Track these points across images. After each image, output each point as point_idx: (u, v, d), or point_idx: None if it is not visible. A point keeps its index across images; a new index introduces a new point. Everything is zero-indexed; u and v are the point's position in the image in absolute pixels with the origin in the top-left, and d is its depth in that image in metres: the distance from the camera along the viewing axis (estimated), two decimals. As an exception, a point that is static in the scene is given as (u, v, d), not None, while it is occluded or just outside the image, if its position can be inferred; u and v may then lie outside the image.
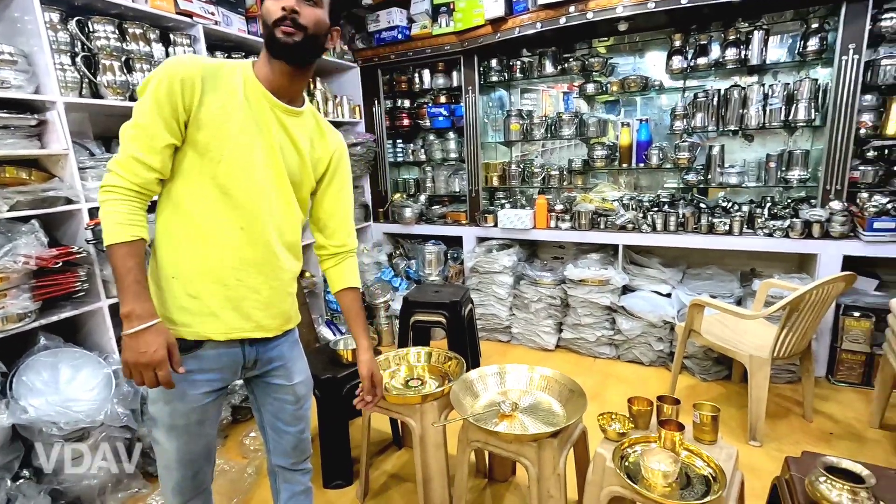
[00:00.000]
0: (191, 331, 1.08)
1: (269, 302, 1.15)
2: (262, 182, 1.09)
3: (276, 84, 1.08)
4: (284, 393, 1.25)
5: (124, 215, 1.00)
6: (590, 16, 2.70)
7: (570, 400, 1.60)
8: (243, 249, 1.09)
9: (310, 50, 1.05)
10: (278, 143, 1.10)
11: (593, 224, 3.12)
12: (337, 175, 1.26)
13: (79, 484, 1.81)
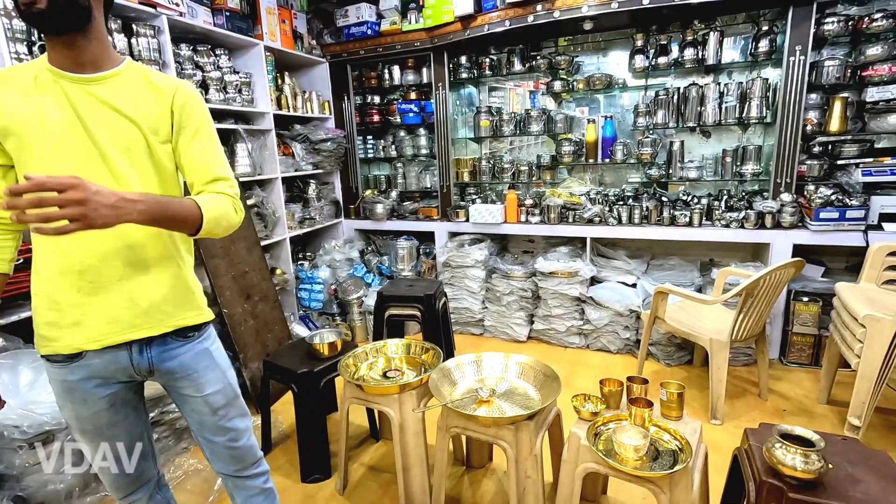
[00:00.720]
0: (63, 344, 1.05)
1: (137, 298, 1.06)
2: (74, 165, 0.98)
3: (61, 60, 0.98)
4: (197, 404, 1.19)
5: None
6: (556, 14, 2.77)
7: (545, 384, 1.65)
8: (84, 248, 1.01)
9: (64, 12, 0.92)
10: (91, 117, 0.99)
11: (562, 218, 3.21)
12: (184, 124, 1.08)
13: (44, 489, 1.74)
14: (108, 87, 1.02)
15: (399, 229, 3.73)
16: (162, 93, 1.07)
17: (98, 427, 1.13)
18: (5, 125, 0.97)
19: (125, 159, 1.03)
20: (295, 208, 3.40)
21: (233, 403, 1.24)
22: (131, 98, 1.04)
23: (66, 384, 1.09)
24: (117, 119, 1.02)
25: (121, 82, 1.03)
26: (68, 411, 1.12)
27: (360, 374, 1.88)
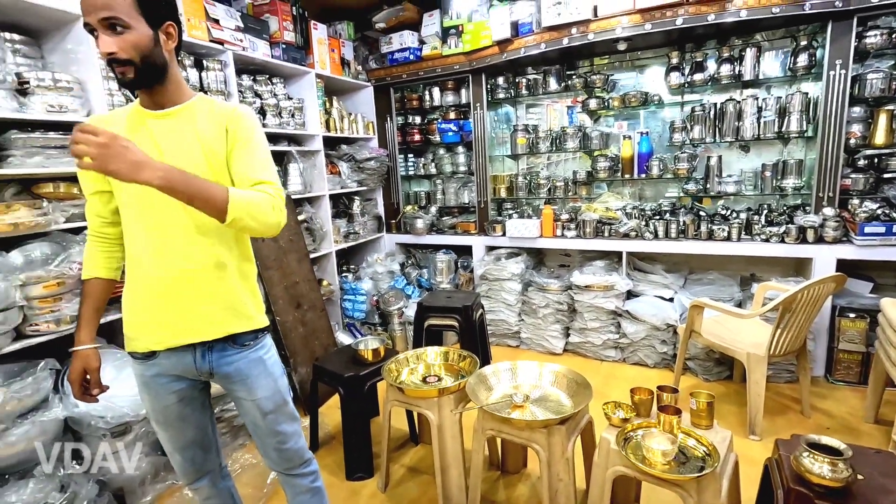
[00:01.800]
0: (139, 343, 1.23)
1: (193, 308, 1.20)
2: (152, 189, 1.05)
3: (146, 101, 1.17)
4: (249, 407, 1.31)
5: (86, 257, 1.28)
6: (590, 37, 2.87)
7: (577, 392, 1.73)
8: (153, 263, 1.18)
9: (147, 74, 1.08)
10: (165, 146, 1.15)
11: (597, 232, 3.26)
12: (236, 141, 1.19)
13: (121, 475, 1.95)
14: (181, 117, 1.18)
15: (438, 243, 3.87)
16: (220, 117, 1.21)
17: (168, 419, 1.30)
18: None
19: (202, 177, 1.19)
20: (340, 223, 3.60)
21: (281, 409, 1.34)
22: (198, 124, 1.18)
23: (143, 378, 1.27)
24: (185, 142, 1.17)
25: (191, 112, 1.19)
26: (146, 403, 1.30)
27: (401, 379, 2.01)
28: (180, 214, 1.16)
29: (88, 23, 1.03)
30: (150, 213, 1.16)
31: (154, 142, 1.15)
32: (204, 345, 1.24)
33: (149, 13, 1.06)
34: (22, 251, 1.80)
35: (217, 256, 1.21)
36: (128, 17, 1.03)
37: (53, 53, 2.01)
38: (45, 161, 1.82)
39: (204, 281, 1.20)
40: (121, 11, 1.01)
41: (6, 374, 1.77)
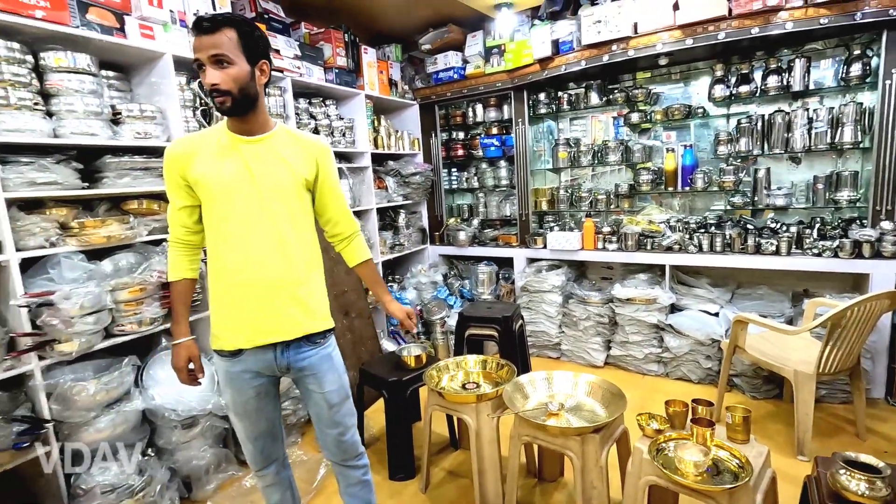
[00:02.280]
0: (227, 342, 1.38)
1: (277, 310, 1.36)
2: (246, 206, 1.32)
3: (237, 128, 1.34)
4: (318, 399, 1.46)
5: (172, 261, 1.44)
6: (631, 53, 2.91)
7: (612, 402, 1.77)
8: (244, 271, 1.33)
9: (242, 104, 1.27)
10: (255, 168, 1.32)
11: (640, 245, 3.26)
12: (324, 174, 1.44)
13: (189, 464, 2.15)
14: (269, 144, 1.36)
15: (480, 255, 3.97)
16: (307, 147, 1.42)
17: (247, 411, 1.45)
18: (197, 178, 1.32)
19: (277, 197, 1.35)
20: (387, 235, 3.77)
21: (344, 402, 1.51)
22: (284, 150, 1.37)
23: (228, 374, 1.41)
24: (272, 164, 1.35)
25: (276, 140, 1.38)
26: (228, 396, 1.45)
27: (441, 385, 2.11)
28: (274, 230, 1.34)
29: (199, 59, 1.23)
30: (249, 228, 1.33)
31: (245, 163, 1.32)
32: (283, 343, 1.39)
33: (248, 52, 1.26)
34: (112, 260, 2.05)
35: (301, 267, 1.40)
36: (232, 54, 1.22)
37: (140, 86, 2.29)
38: (133, 181, 2.07)
39: (289, 287, 1.37)
40: (227, 50, 1.22)
41: (96, 368, 2.01)
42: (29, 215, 1.80)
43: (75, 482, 1.83)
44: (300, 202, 1.41)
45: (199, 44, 1.22)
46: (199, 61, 1.23)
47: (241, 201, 1.32)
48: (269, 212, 1.34)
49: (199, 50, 1.22)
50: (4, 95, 1.72)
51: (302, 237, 1.41)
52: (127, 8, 2.10)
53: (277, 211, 1.35)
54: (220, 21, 1.22)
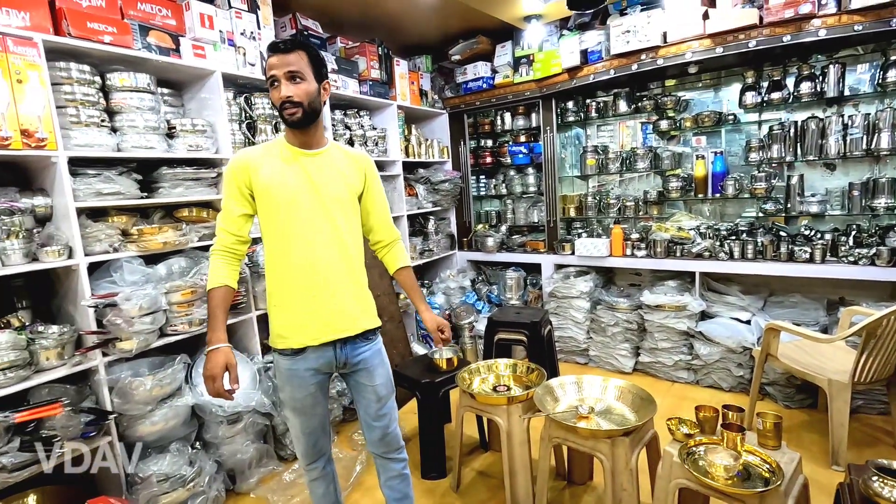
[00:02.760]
0: (294, 340, 1.47)
1: (341, 309, 1.48)
2: (310, 214, 1.44)
3: (297, 142, 1.46)
4: (368, 392, 1.57)
5: (215, 269, 1.49)
6: (660, 62, 2.94)
7: (641, 407, 1.80)
8: (313, 275, 1.45)
9: (308, 116, 1.40)
10: (317, 179, 1.45)
11: (669, 252, 3.26)
12: (370, 184, 1.59)
13: (233, 458, 2.28)
14: (326, 157, 1.50)
15: (508, 261, 4.02)
16: (357, 160, 1.56)
17: (305, 406, 1.54)
18: (264, 186, 1.43)
19: (336, 205, 1.48)
20: (416, 241, 3.87)
21: (391, 396, 1.63)
22: (339, 164, 1.52)
23: (290, 371, 1.50)
24: (331, 176, 1.48)
25: (331, 154, 1.52)
26: (287, 393, 1.53)
27: (473, 387, 2.18)
28: (335, 236, 1.47)
29: (274, 75, 1.37)
30: (313, 234, 1.45)
31: (307, 174, 1.45)
32: (342, 340, 1.51)
33: (316, 72, 1.42)
34: (166, 264, 2.19)
35: (358, 269, 1.55)
36: (304, 72, 1.38)
37: (191, 102, 2.44)
38: (185, 191, 2.22)
39: (350, 288, 1.52)
40: (301, 68, 1.38)
41: (150, 366, 2.16)
42: (95, 223, 1.96)
43: (133, 470, 1.97)
44: (354, 211, 1.55)
45: (276, 62, 1.36)
46: (275, 77, 1.37)
47: (305, 209, 1.44)
48: (331, 219, 1.47)
49: (276, 67, 1.36)
50: (76, 114, 1.88)
51: (356, 242, 1.55)
52: (182, 30, 2.25)
53: (337, 218, 1.48)
54: (295, 43, 1.39)
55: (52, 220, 1.90)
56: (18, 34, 1.70)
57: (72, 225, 1.84)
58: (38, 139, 1.72)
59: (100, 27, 1.92)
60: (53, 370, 1.81)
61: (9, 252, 1.72)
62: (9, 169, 1.93)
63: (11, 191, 1.81)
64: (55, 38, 1.81)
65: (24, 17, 1.75)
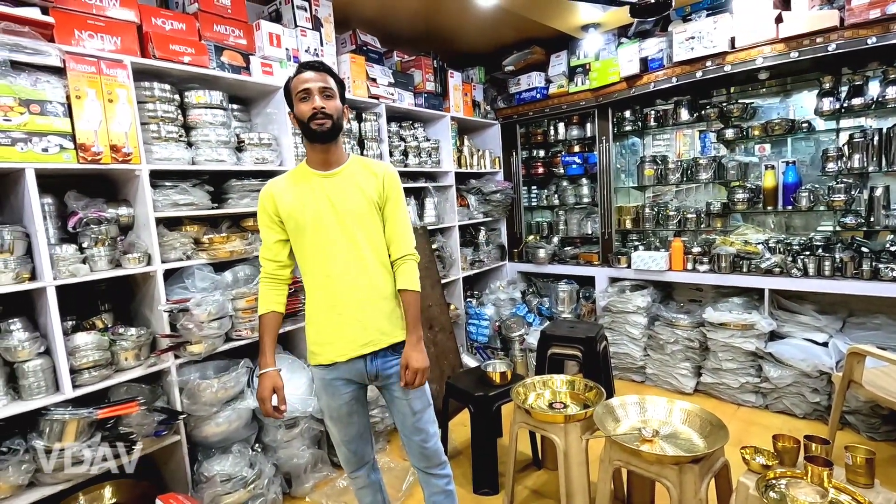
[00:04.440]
0: (323, 357, 1.54)
1: (365, 324, 1.51)
2: (330, 234, 1.48)
3: (318, 161, 1.52)
4: (402, 405, 1.58)
5: (262, 295, 1.58)
6: (727, 69, 2.81)
7: (711, 433, 1.70)
8: (335, 291, 1.49)
9: (335, 130, 1.47)
10: (335, 198, 1.49)
11: (734, 267, 3.09)
12: (388, 196, 1.57)
13: (289, 461, 2.33)
14: (344, 176, 1.54)
15: (559, 273, 3.94)
16: (376, 173, 1.57)
17: (341, 416, 1.59)
18: (288, 212, 1.51)
19: (355, 220, 1.51)
20: (467, 251, 3.86)
21: (427, 410, 1.61)
22: (357, 178, 1.54)
23: (325, 381, 1.56)
24: (349, 193, 1.51)
25: (350, 171, 1.55)
26: (323, 402, 1.60)
27: (528, 402, 2.13)
28: (357, 255, 1.50)
29: (308, 88, 1.43)
30: (335, 254, 1.49)
31: (326, 196, 1.50)
32: (372, 353, 1.53)
33: (340, 95, 1.52)
34: (232, 272, 2.29)
35: (382, 283, 1.55)
36: (334, 91, 1.49)
37: (258, 117, 2.56)
38: (251, 202, 2.31)
39: (375, 304, 1.53)
40: (332, 86, 1.48)
41: (216, 369, 2.25)
42: (171, 232, 2.08)
43: (198, 470, 2.06)
44: (375, 224, 1.55)
45: (311, 77, 1.45)
46: (308, 90, 1.44)
47: (326, 229, 1.49)
48: (352, 237, 1.50)
49: (311, 81, 1.44)
50: (157, 130, 2.01)
51: (380, 257, 1.55)
52: (252, 49, 2.37)
53: (358, 236, 1.51)
54: (326, 66, 1.50)
55: (133, 228, 2.03)
56: (110, 57, 1.84)
57: (151, 233, 1.96)
58: (124, 154, 1.85)
59: (180, 48, 2.04)
60: (131, 370, 1.92)
61: (96, 258, 1.85)
62: (98, 181, 2.08)
63: (100, 201, 1.95)
64: (141, 59, 1.94)
65: (116, 41, 1.89)
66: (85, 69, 1.76)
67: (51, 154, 1.67)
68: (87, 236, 1.85)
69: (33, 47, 1.65)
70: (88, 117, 1.76)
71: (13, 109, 1.59)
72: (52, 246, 1.75)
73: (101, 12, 1.88)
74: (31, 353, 1.67)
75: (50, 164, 1.68)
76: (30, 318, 1.77)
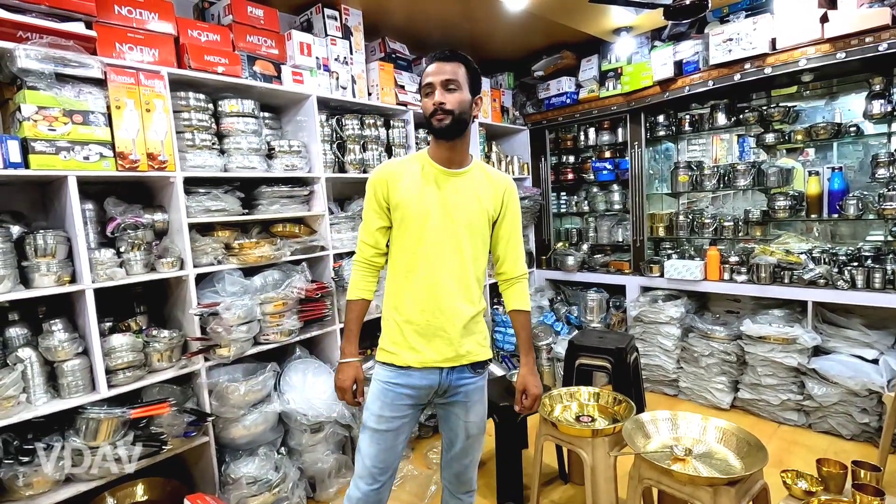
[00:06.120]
0: (399, 358, 1.43)
1: (452, 337, 1.41)
2: (437, 236, 1.40)
3: (442, 157, 1.42)
4: (459, 427, 1.49)
5: (354, 281, 1.51)
6: (768, 71, 2.69)
7: (749, 454, 1.61)
8: (431, 298, 1.40)
9: (456, 126, 1.36)
10: (451, 201, 1.41)
11: (775, 278, 2.95)
12: (507, 211, 1.49)
13: (314, 465, 2.34)
14: (465, 179, 1.45)
15: (589, 281, 3.85)
16: (497, 185, 1.48)
17: (389, 429, 1.43)
18: (399, 201, 1.42)
19: (466, 230, 1.43)
20: (494, 258, 3.82)
21: (480, 437, 1.54)
22: (478, 186, 1.46)
23: (388, 386, 1.44)
24: (468, 199, 1.43)
25: (472, 175, 1.46)
26: (375, 408, 1.44)
27: (554, 414, 2.08)
28: (460, 263, 1.43)
29: (431, 82, 1.36)
30: (437, 256, 1.41)
31: (442, 195, 1.42)
32: (451, 367, 1.44)
33: (472, 85, 1.40)
34: (261, 276, 2.33)
35: (477, 298, 1.48)
36: (460, 82, 1.36)
37: (288, 124, 2.61)
38: (281, 208, 2.35)
39: (467, 317, 1.44)
40: (458, 77, 1.36)
41: (245, 372, 2.29)
42: (203, 237, 2.13)
43: (225, 471, 2.09)
44: (483, 237, 1.47)
45: (436, 69, 1.36)
46: (430, 85, 1.37)
47: (434, 230, 1.41)
48: (458, 244, 1.42)
49: (433, 74, 1.36)
50: (191, 138, 2.07)
51: (479, 270, 1.48)
52: (283, 58, 2.42)
53: (465, 244, 1.43)
54: (456, 56, 1.39)
55: (167, 234, 2.09)
56: (149, 69, 1.91)
57: (184, 239, 2.01)
58: (160, 161, 1.91)
59: (214, 59, 2.10)
60: (163, 371, 1.97)
61: (132, 262, 1.91)
62: (134, 187, 2.15)
63: (136, 208, 2.01)
64: (178, 70, 2.01)
65: (154, 53, 1.96)
66: (124, 80, 1.82)
67: (91, 162, 1.74)
68: (124, 241, 1.91)
69: (78, 60, 1.72)
70: (127, 126, 1.83)
71: (57, 120, 1.66)
72: (92, 250, 1.82)
73: (141, 26, 1.95)
74: (70, 353, 1.74)
75: (90, 172, 1.75)
76: (69, 319, 1.84)
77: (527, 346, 1.54)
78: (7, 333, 1.74)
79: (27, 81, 1.62)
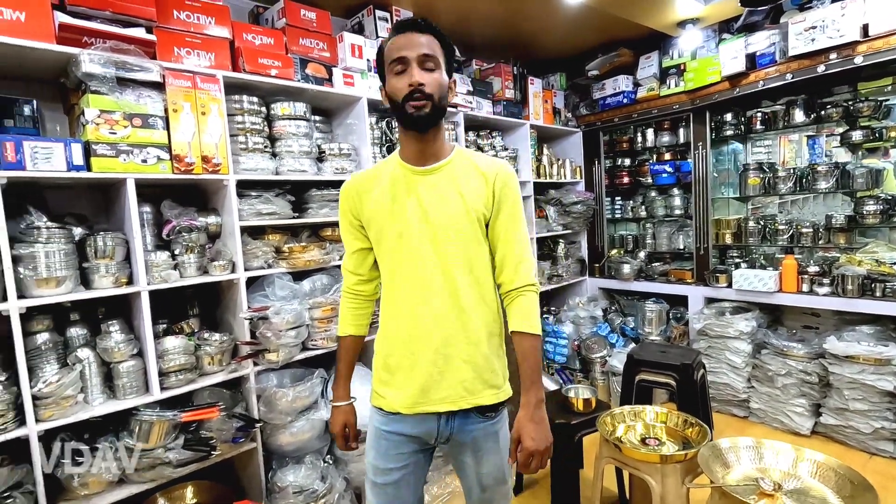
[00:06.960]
0: (385, 402, 1.21)
1: (445, 374, 1.15)
2: (416, 252, 1.15)
3: (412, 154, 1.18)
4: (470, 476, 1.25)
5: (342, 315, 1.35)
6: (858, 60, 2.43)
7: (854, 494, 1.41)
8: (412, 324, 1.16)
9: (436, 115, 1.12)
10: (428, 205, 1.15)
11: (864, 290, 2.65)
12: (501, 206, 1.19)
13: (360, 476, 2.27)
14: (442, 175, 1.18)
15: (646, 291, 3.63)
16: (486, 174, 1.19)
17: (387, 482, 1.21)
18: (370, 215, 1.20)
19: (451, 237, 1.16)
20: (545, 265, 3.67)
21: (499, 487, 1.27)
22: (459, 181, 1.18)
23: (379, 431, 1.23)
24: (447, 198, 1.17)
25: (452, 168, 1.19)
26: (371, 457, 1.25)
27: (617, 435, 1.92)
28: (447, 280, 1.16)
29: (404, 57, 1.09)
30: (419, 276, 1.17)
31: (419, 200, 1.17)
32: (450, 412, 1.18)
33: (448, 65, 1.16)
34: (310, 281, 2.30)
35: (478, 324, 1.18)
36: (439, 60, 1.13)
37: (339, 127, 2.58)
38: (330, 212, 2.32)
39: (463, 349, 1.16)
40: (437, 53, 1.12)
41: (293, 377, 2.25)
42: (254, 240, 2.12)
43: (272, 479, 2.05)
44: (476, 242, 1.18)
45: (406, 41, 1.10)
46: (404, 60, 1.10)
47: (411, 244, 1.17)
48: (443, 257, 1.16)
49: (407, 48, 1.09)
50: (244, 141, 2.07)
51: (479, 287, 1.19)
52: (334, 61, 2.40)
53: (451, 255, 1.16)
54: (431, 27, 1.14)
55: (220, 237, 2.09)
56: (205, 72, 1.92)
57: (236, 242, 2.00)
58: (214, 164, 1.91)
59: (268, 62, 2.10)
60: (213, 375, 1.96)
61: (186, 265, 1.92)
62: (188, 190, 2.17)
63: (191, 210, 2.02)
64: (232, 73, 2.01)
65: (210, 57, 1.97)
66: (182, 84, 1.83)
67: (149, 165, 1.76)
68: (178, 244, 1.92)
69: (138, 64, 1.74)
70: (183, 129, 1.83)
71: (118, 123, 1.68)
72: (148, 252, 1.83)
73: (198, 30, 1.97)
74: (126, 354, 1.75)
75: (148, 175, 1.76)
76: (126, 320, 1.86)
77: (529, 382, 1.16)
78: (68, 333, 1.77)
79: (91, 86, 1.65)
